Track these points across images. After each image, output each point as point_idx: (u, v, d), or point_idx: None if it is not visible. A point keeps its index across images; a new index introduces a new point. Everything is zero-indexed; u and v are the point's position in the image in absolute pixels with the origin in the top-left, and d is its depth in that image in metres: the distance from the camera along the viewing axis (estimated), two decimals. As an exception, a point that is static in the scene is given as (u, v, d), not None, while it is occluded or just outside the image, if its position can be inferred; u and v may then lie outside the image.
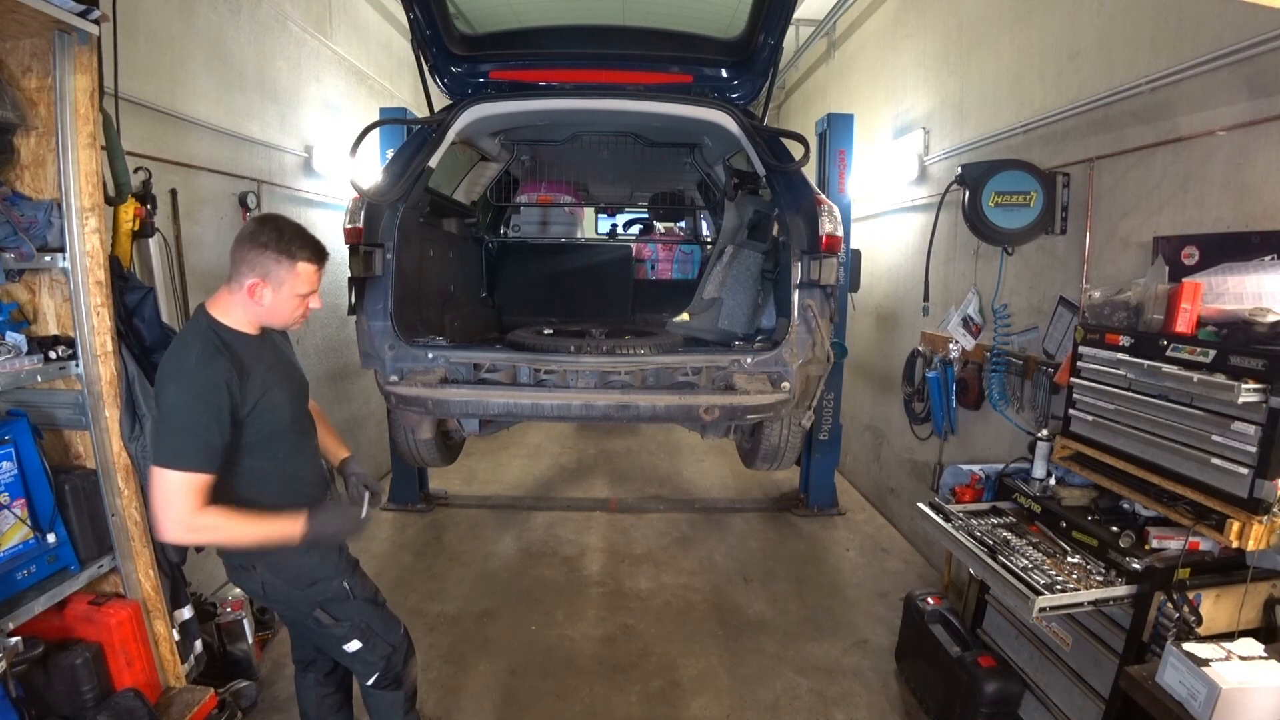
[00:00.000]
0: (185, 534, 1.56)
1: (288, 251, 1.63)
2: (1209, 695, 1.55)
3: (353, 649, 1.85)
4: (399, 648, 1.95)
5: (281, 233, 1.64)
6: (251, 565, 1.75)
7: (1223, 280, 1.97)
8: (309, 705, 2.07)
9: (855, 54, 5.49)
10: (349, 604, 1.84)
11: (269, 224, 1.65)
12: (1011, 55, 3.23)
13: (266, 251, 1.61)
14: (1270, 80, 1.96)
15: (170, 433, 1.52)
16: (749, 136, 2.95)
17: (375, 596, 1.95)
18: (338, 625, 1.82)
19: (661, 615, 3.34)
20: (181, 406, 1.52)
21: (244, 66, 3.41)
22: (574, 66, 3.18)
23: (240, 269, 1.62)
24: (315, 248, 1.70)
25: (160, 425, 1.56)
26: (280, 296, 1.66)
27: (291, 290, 1.66)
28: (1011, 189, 2.86)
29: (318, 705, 2.06)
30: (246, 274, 1.62)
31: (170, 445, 1.51)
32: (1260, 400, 1.64)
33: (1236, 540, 1.73)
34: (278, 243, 1.62)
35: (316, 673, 2.05)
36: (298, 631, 2.02)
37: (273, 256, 1.62)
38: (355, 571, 1.91)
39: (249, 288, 1.62)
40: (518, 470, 5.44)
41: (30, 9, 1.63)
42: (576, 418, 2.78)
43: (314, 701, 2.06)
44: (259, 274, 1.62)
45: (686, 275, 5.14)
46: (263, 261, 1.61)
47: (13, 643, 1.70)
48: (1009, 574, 2.06)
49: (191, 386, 1.52)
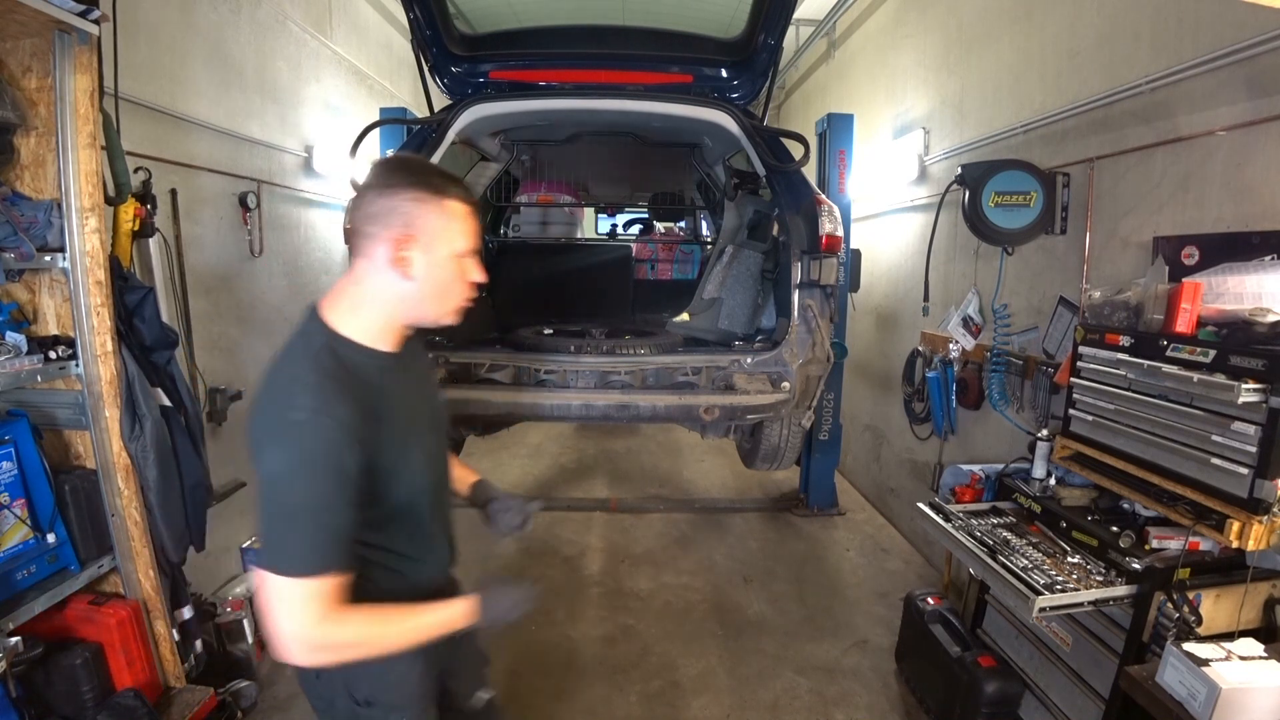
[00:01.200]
0: (318, 655, 1.09)
1: (432, 187, 1.11)
2: (1209, 695, 1.55)
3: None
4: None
5: (415, 169, 1.16)
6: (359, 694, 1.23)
7: (1223, 280, 1.97)
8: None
9: (855, 54, 5.49)
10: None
11: (395, 164, 1.19)
12: (1011, 55, 3.23)
13: (402, 193, 1.10)
14: (1270, 80, 1.96)
15: (281, 521, 1.04)
16: (749, 136, 2.96)
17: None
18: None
19: (661, 615, 3.34)
20: (292, 480, 1.03)
21: (244, 66, 3.41)
22: (574, 66, 3.18)
23: (369, 229, 1.10)
24: (462, 183, 1.18)
25: (266, 508, 1.04)
26: (435, 260, 1.11)
27: (448, 248, 1.13)
28: (1011, 189, 2.86)
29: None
30: (382, 232, 1.09)
31: (283, 541, 1.04)
32: (1260, 400, 1.64)
33: (1236, 540, 1.73)
34: (417, 180, 1.11)
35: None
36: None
37: (413, 197, 1.09)
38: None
39: (393, 253, 1.09)
40: (518, 470, 5.44)
41: (30, 9, 1.63)
42: (576, 418, 2.78)
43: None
44: (400, 226, 1.09)
45: (686, 275, 5.14)
46: (401, 209, 1.09)
47: (13, 643, 1.70)
48: (1009, 574, 2.05)
49: (305, 450, 1.02)
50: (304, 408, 1.03)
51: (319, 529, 1.04)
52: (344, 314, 1.13)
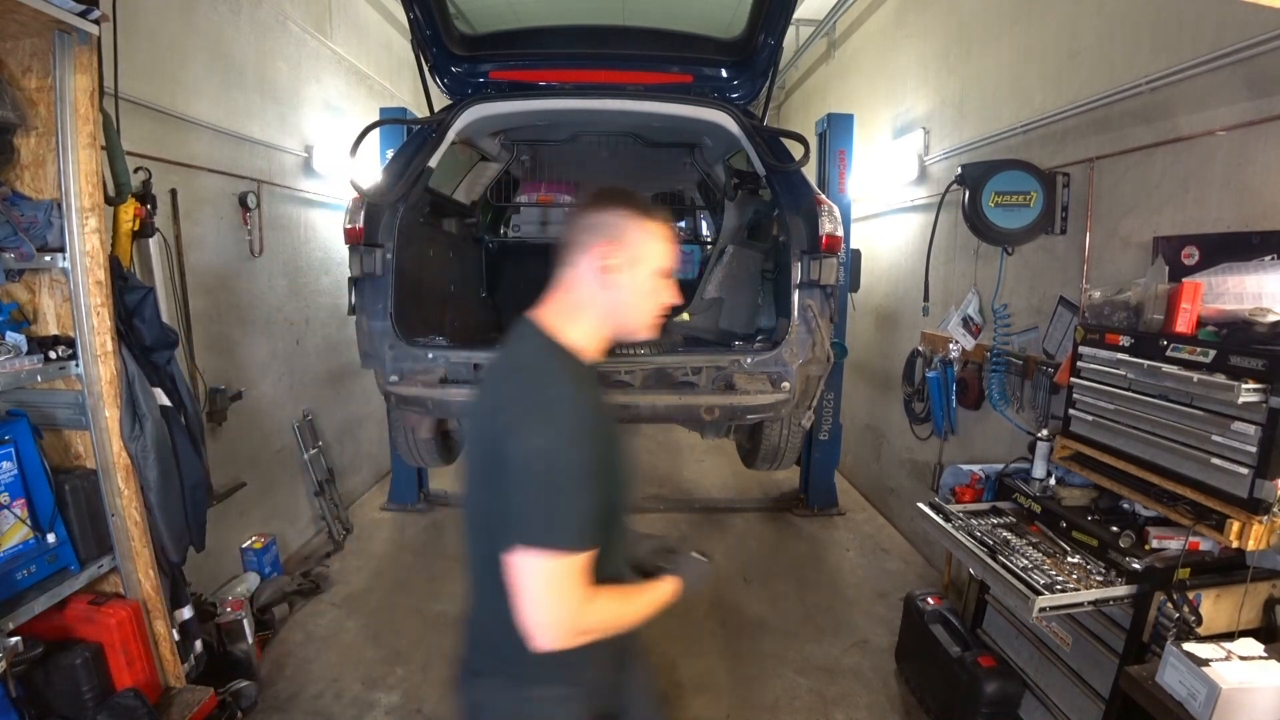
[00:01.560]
0: (575, 637, 1.10)
1: (641, 207, 1.22)
2: (1209, 695, 1.55)
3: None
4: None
5: (626, 193, 1.25)
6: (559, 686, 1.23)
7: (1223, 280, 1.97)
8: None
9: (855, 54, 5.49)
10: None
11: (608, 188, 1.28)
12: (1011, 55, 3.23)
13: (612, 211, 1.21)
14: (1270, 80, 1.96)
15: (549, 496, 1.06)
16: (749, 136, 2.95)
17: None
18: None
19: (661, 615, 3.33)
20: (557, 455, 1.06)
21: (244, 66, 3.41)
22: (574, 66, 3.18)
23: (582, 239, 1.19)
24: (665, 211, 1.32)
25: (530, 486, 1.06)
26: (637, 273, 1.20)
27: (650, 264, 1.22)
28: (1011, 189, 2.86)
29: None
30: (593, 242, 1.18)
31: (551, 516, 1.06)
32: (1260, 400, 1.64)
33: (1236, 540, 1.73)
34: (627, 201, 1.23)
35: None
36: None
37: (623, 214, 1.20)
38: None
39: (601, 262, 1.18)
40: (518, 470, 5.44)
41: (30, 9, 1.63)
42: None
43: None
44: (610, 238, 1.18)
45: (687, 275, 5.13)
46: (612, 222, 1.20)
47: (13, 643, 1.70)
48: (1009, 574, 2.05)
49: (569, 427, 1.09)
50: (562, 391, 1.11)
51: (583, 504, 1.08)
52: (561, 322, 1.21)
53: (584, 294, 1.21)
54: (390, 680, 2.81)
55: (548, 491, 1.06)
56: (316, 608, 3.34)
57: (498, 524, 1.09)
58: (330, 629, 3.17)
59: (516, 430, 1.07)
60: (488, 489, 1.13)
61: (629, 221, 1.20)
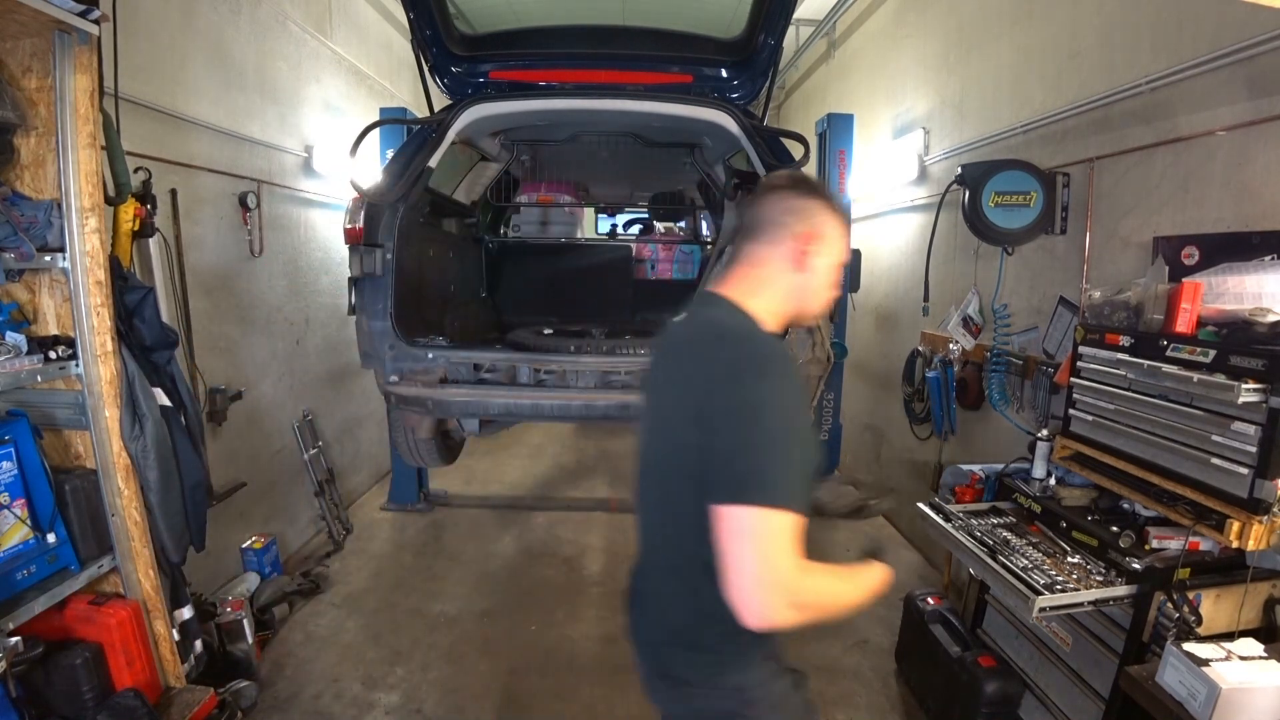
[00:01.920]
0: (791, 611, 0.99)
1: (836, 202, 1.24)
2: (1209, 695, 1.55)
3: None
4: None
5: (825, 187, 1.28)
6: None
7: (1223, 280, 1.97)
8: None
9: (855, 54, 5.49)
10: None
11: (809, 177, 1.30)
12: (1011, 55, 3.23)
13: (814, 200, 1.20)
14: (1270, 80, 1.96)
15: (770, 451, 1.00)
16: (749, 136, 2.95)
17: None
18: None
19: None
20: (783, 409, 1.03)
21: (244, 67, 3.41)
22: (574, 66, 3.18)
23: (784, 220, 1.19)
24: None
25: (751, 438, 1.00)
26: (824, 262, 1.22)
27: (835, 256, 1.23)
28: (1011, 189, 2.86)
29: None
30: (795, 225, 1.18)
31: (771, 471, 0.99)
32: (1260, 400, 1.64)
33: (1236, 540, 1.73)
34: (826, 194, 1.24)
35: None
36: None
37: (824, 205, 1.21)
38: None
39: (799, 245, 1.18)
40: (518, 470, 5.44)
41: (30, 9, 1.63)
42: (576, 418, 2.79)
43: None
44: (811, 224, 1.18)
45: (686, 275, 5.14)
46: (814, 210, 1.19)
47: (13, 643, 1.70)
48: (1009, 574, 2.05)
49: (791, 383, 1.07)
50: (775, 349, 1.10)
51: (799, 464, 1.02)
52: (748, 295, 1.19)
53: (773, 272, 1.20)
54: (390, 680, 2.81)
55: (768, 447, 1.00)
56: (316, 608, 3.34)
57: (707, 487, 1.02)
58: (330, 629, 3.17)
59: (740, 375, 1.03)
60: (695, 454, 1.04)
61: (828, 214, 1.21)
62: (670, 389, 1.15)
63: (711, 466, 1.02)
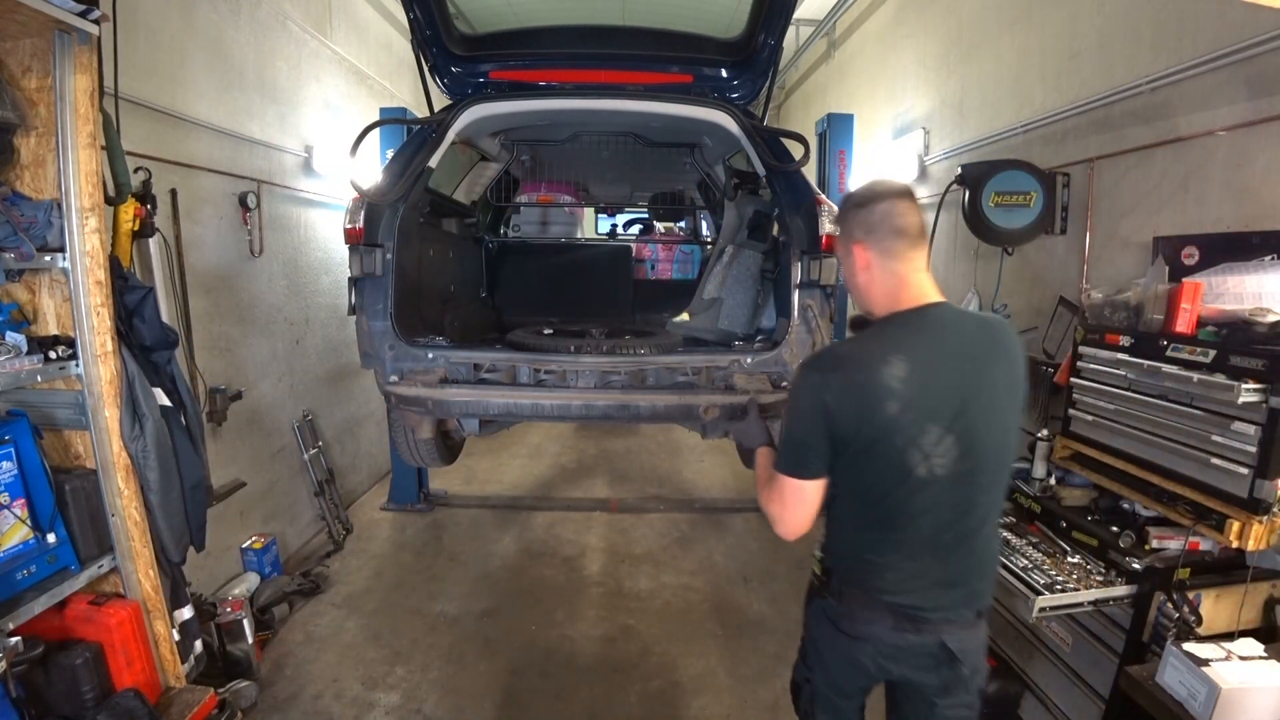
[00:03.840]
0: None
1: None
2: (1209, 695, 1.55)
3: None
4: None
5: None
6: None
7: (1223, 280, 1.97)
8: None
9: (855, 54, 5.49)
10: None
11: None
12: (1011, 55, 3.23)
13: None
14: (1270, 80, 1.97)
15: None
16: (749, 136, 2.95)
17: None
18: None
19: (661, 615, 3.34)
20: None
21: (244, 66, 3.41)
22: (574, 66, 3.17)
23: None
24: None
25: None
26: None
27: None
28: (1011, 189, 2.86)
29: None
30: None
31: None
32: (1260, 400, 1.64)
33: (1236, 540, 1.73)
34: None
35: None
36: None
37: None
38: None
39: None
40: (518, 470, 5.44)
41: (30, 9, 1.63)
42: (577, 417, 2.78)
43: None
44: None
45: (686, 275, 5.13)
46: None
47: (13, 643, 1.70)
48: (1009, 574, 2.05)
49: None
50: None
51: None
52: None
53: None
54: (390, 680, 2.81)
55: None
56: (316, 608, 3.34)
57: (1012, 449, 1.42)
58: (330, 629, 3.17)
59: (1020, 351, 1.41)
60: (1016, 422, 1.41)
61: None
62: (1003, 384, 1.40)
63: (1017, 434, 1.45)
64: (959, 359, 1.37)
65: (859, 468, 1.37)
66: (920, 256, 1.40)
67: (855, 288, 1.48)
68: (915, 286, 1.39)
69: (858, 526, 1.45)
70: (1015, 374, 1.40)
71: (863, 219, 1.41)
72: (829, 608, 1.52)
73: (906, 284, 1.39)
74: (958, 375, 1.35)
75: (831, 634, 1.51)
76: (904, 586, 1.41)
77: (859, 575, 1.46)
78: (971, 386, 1.35)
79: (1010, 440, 1.42)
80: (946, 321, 1.40)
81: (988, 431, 1.37)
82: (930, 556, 1.40)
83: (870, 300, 1.45)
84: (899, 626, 1.42)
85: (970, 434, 1.34)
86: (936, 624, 1.41)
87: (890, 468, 1.34)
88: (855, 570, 1.46)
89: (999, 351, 1.39)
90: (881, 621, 1.42)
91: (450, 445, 3.54)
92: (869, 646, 1.45)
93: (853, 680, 1.55)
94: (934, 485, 1.34)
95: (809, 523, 1.45)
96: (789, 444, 1.41)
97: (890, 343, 1.37)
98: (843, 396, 1.33)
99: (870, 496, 1.39)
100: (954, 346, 1.38)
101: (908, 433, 1.32)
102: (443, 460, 3.49)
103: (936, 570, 1.41)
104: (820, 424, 1.34)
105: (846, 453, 1.36)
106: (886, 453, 1.33)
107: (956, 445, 1.34)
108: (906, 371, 1.32)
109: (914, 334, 1.38)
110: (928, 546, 1.39)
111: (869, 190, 1.43)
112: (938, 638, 1.41)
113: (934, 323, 1.39)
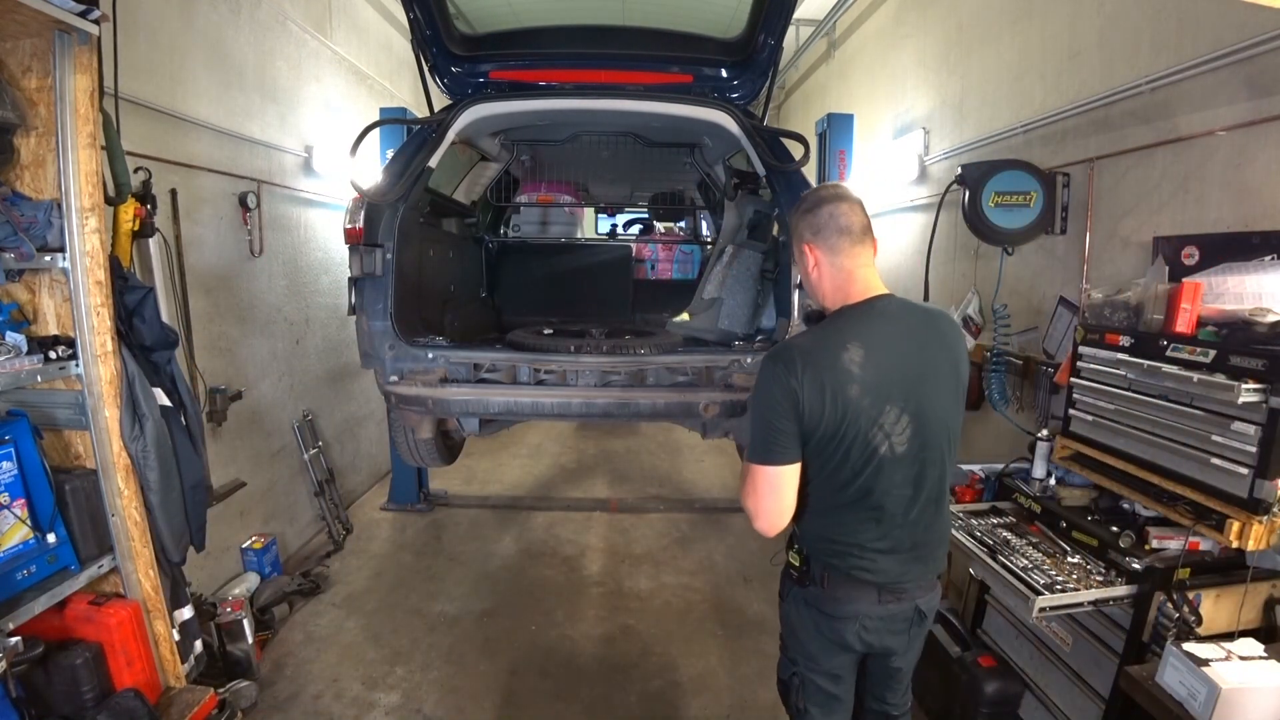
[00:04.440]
0: None
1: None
2: (1209, 695, 1.55)
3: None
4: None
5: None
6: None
7: (1223, 280, 1.97)
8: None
9: (855, 54, 5.49)
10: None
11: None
12: (1011, 55, 3.23)
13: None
14: (1270, 80, 1.97)
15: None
16: (749, 136, 2.95)
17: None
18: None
19: (661, 615, 3.34)
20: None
21: (244, 66, 3.41)
22: (574, 66, 3.17)
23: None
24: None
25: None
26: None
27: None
28: (1011, 189, 2.86)
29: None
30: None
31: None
32: (1260, 400, 1.64)
33: (1236, 540, 1.73)
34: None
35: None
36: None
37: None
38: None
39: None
40: (518, 470, 5.44)
41: (30, 9, 1.62)
42: (577, 415, 2.78)
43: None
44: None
45: (686, 275, 5.14)
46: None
47: (13, 643, 1.70)
48: (1009, 574, 2.05)
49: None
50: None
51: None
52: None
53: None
54: (390, 680, 2.81)
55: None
56: (316, 608, 3.34)
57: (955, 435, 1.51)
58: (330, 629, 3.17)
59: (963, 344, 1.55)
60: (958, 402, 1.51)
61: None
62: (946, 367, 1.50)
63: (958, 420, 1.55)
64: (907, 344, 1.47)
65: (828, 454, 1.43)
66: (865, 253, 1.50)
67: (809, 284, 1.57)
68: (862, 281, 1.49)
69: (831, 510, 1.51)
70: (956, 357, 1.52)
71: (810, 221, 1.51)
72: (810, 595, 1.57)
73: (854, 278, 1.49)
74: (907, 359, 1.46)
75: (815, 619, 1.58)
76: (882, 563, 1.49)
77: (838, 558, 1.51)
78: (919, 369, 1.46)
79: (954, 420, 1.53)
80: (893, 311, 1.50)
81: (935, 410, 1.47)
82: (901, 530, 1.48)
83: (822, 295, 1.55)
84: (883, 600, 1.51)
85: (921, 413, 1.45)
86: (911, 592, 1.53)
87: (857, 448, 1.42)
88: (834, 554, 1.52)
89: (941, 338, 1.51)
90: (866, 598, 1.50)
91: (450, 445, 3.54)
92: (854, 624, 1.52)
93: (838, 660, 1.61)
94: (897, 464, 1.44)
95: (786, 515, 1.49)
96: (758, 434, 1.47)
97: (845, 332, 1.45)
98: (807, 382, 1.39)
99: (840, 479, 1.46)
100: (902, 332, 1.48)
101: (869, 414, 1.40)
102: (443, 460, 3.49)
103: (907, 543, 1.50)
104: (788, 409, 1.40)
105: (814, 438, 1.42)
106: (852, 434, 1.41)
107: (911, 424, 1.44)
108: (863, 357, 1.41)
109: (865, 323, 1.47)
110: (897, 522, 1.48)
111: (815, 195, 1.55)
112: (913, 603, 1.54)
113: (882, 312, 1.48)
